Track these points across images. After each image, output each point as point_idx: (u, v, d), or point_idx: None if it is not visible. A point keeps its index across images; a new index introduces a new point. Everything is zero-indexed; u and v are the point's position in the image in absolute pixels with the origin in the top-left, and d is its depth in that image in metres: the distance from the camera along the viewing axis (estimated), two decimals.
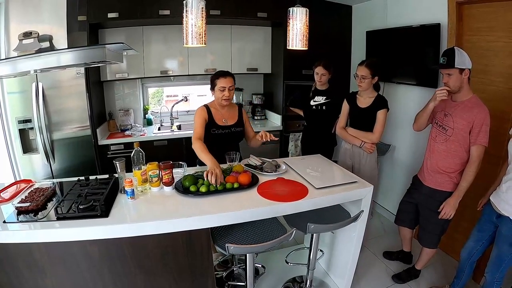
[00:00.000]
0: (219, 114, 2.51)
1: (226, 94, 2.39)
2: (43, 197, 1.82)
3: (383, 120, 2.65)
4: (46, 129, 2.97)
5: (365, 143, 2.70)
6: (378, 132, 2.67)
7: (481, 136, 2.04)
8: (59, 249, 1.60)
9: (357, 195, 2.07)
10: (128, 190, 1.81)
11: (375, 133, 2.68)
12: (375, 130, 2.68)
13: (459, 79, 2.07)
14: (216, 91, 2.42)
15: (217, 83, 2.39)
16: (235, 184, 1.98)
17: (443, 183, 2.26)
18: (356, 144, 2.75)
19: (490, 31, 2.51)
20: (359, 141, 2.73)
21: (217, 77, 2.39)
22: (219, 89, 2.39)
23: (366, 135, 2.71)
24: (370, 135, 2.70)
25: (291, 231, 1.70)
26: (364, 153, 2.75)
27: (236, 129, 2.54)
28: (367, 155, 2.75)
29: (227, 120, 2.53)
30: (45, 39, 1.82)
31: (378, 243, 3.19)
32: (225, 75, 2.38)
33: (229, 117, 2.54)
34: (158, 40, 3.67)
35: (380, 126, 2.66)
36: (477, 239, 2.18)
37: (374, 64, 2.62)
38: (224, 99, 2.40)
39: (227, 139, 2.51)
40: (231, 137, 2.54)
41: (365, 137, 2.71)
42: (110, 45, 1.69)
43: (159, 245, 1.72)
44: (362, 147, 2.72)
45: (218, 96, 2.42)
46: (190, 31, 1.76)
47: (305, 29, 2.05)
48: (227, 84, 2.37)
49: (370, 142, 2.70)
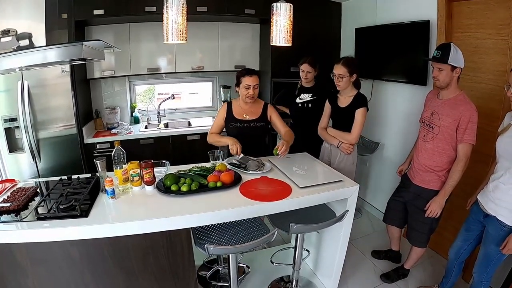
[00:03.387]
0: (241, 109, 2.64)
1: (251, 92, 2.50)
2: (25, 196, 1.79)
3: (361, 120, 2.57)
4: (32, 128, 2.93)
5: (342, 144, 2.64)
6: (355, 133, 2.60)
7: (468, 134, 2.02)
8: (40, 250, 1.58)
9: (342, 195, 2.05)
10: (109, 190, 1.78)
11: (352, 134, 2.61)
12: (352, 130, 2.61)
13: (448, 76, 2.05)
14: (241, 88, 2.53)
15: (242, 81, 2.50)
16: (217, 183, 1.95)
17: (430, 182, 2.25)
18: (334, 144, 2.71)
19: (480, 28, 2.49)
20: (336, 141, 2.68)
21: (243, 75, 2.49)
22: (244, 87, 2.50)
23: (343, 135, 2.65)
24: (347, 136, 2.63)
25: (272, 232, 1.68)
26: (342, 153, 2.70)
27: (255, 124, 2.62)
28: (344, 155, 2.69)
29: (248, 115, 2.62)
30: (24, 37, 1.77)
31: (367, 241, 3.17)
32: (250, 74, 2.48)
33: (250, 112, 2.63)
34: (145, 37, 3.64)
35: (358, 126, 2.58)
36: (465, 239, 2.16)
37: (350, 62, 2.57)
38: (248, 96, 2.52)
39: (245, 133, 2.59)
40: (249, 131, 2.61)
41: (342, 137, 2.65)
42: (88, 42, 1.64)
43: (139, 246, 1.70)
44: (339, 147, 2.67)
45: (243, 93, 2.53)
46: (170, 27, 1.72)
47: (289, 25, 2.02)
48: (252, 82, 2.48)
49: (347, 142, 2.63)
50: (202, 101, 4.57)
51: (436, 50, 2.08)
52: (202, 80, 4.44)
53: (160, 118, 4.02)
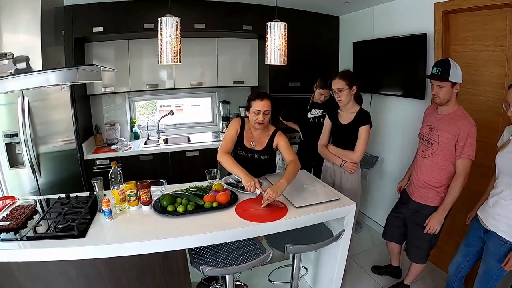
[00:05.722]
0: (250, 135, 2.43)
1: (260, 118, 2.27)
2: (23, 215, 1.81)
3: (365, 137, 2.48)
4: (32, 143, 2.94)
5: (346, 163, 2.55)
6: (360, 151, 2.49)
7: (467, 149, 2.01)
8: (38, 268, 1.60)
9: (339, 213, 2.03)
10: (106, 210, 1.78)
11: (356, 152, 2.50)
12: (356, 148, 2.50)
13: (449, 93, 2.04)
14: (250, 112, 2.31)
15: (252, 105, 2.28)
16: (213, 203, 1.94)
17: (430, 198, 2.23)
18: (337, 163, 2.60)
19: (477, 40, 2.48)
20: (340, 160, 2.57)
21: (253, 99, 2.29)
22: (254, 112, 2.28)
23: (347, 154, 2.55)
24: (351, 154, 2.53)
25: (268, 253, 1.67)
26: (346, 172, 2.60)
27: (259, 156, 2.43)
28: (348, 174, 2.59)
29: (255, 143, 2.42)
30: (21, 60, 1.79)
31: (367, 257, 3.14)
32: (261, 98, 2.26)
33: (258, 141, 2.43)
34: (145, 53, 3.66)
35: (362, 144, 2.49)
36: (465, 254, 2.14)
37: (347, 74, 2.52)
38: (257, 122, 2.29)
39: (249, 163, 2.34)
40: (253, 162, 2.41)
41: (345, 156, 2.55)
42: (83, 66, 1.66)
43: (135, 265, 1.70)
44: (343, 167, 2.57)
45: (252, 118, 2.30)
46: (164, 49, 1.74)
47: (283, 44, 2.02)
48: (263, 108, 2.25)
49: (351, 161, 2.54)
50: (204, 113, 4.57)
51: (435, 67, 2.06)
52: (201, 95, 4.46)
53: (159, 134, 4.01)
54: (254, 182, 2.00)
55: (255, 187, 2.01)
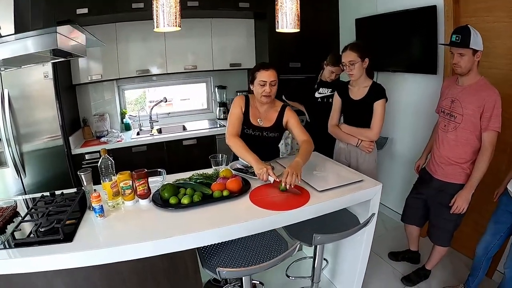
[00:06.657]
0: (256, 111, 2.26)
1: (267, 89, 2.11)
2: (1, 218, 1.54)
3: (382, 112, 2.32)
4: (15, 141, 2.73)
5: (362, 142, 2.39)
6: (377, 127, 2.34)
7: (493, 121, 1.91)
8: (19, 282, 1.36)
9: (366, 196, 1.86)
10: (96, 207, 1.53)
11: (373, 129, 2.35)
12: (373, 125, 2.35)
13: (470, 61, 1.93)
14: (255, 85, 2.16)
15: (256, 76, 2.13)
16: (224, 192, 1.72)
17: (454, 175, 2.11)
18: (352, 143, 2.45)
19: (489, 12, 2.39)
20: (355, 139, 2.42)
21: (258, 70, 2.14)
22: (259, 83, 2.12)
23: (363, 132, 2.39)
24: (367, 132, 2.37)
25: (294, 246, 1.43)
26: (362, 152, 2.45)
27: (268, 133, 2.27)
28: (365, 154, 2.45)
29: (262, 120, 2.26)
30: None
31: (381, 243, 2.98)
32: (266, 68, 2.12)
33: (265, 118, 2.27)
34: (133, 37, 3.46)
35: (379, 120, 2.33)
36: (494, 232, 2.05)
37: (358, 46, 2.35)
38: (264, 95, 2.13)
39: (256, 141, 2.22)
40: (261, 140, 2.26)
41: (361, 135, 2.40)
42: (61, 27, 1.42)
43: (135, 271, 1.49)
44: (359, 146, 2.42)
45: (258, 91, 2.15)
46: (161, 11, 1.50)
47: (296, 7, 1.78)
48: (269, 78, 2.10)
49: (368, 140, 2.39)
50: (195, 106, 4.40)
51: (454, 35, 1.96)
52: (196, 81, 4.26)
53: (152, 124, 3.82)
54: (266, 169, 1.84)
55: (268, 175, 1.83)
